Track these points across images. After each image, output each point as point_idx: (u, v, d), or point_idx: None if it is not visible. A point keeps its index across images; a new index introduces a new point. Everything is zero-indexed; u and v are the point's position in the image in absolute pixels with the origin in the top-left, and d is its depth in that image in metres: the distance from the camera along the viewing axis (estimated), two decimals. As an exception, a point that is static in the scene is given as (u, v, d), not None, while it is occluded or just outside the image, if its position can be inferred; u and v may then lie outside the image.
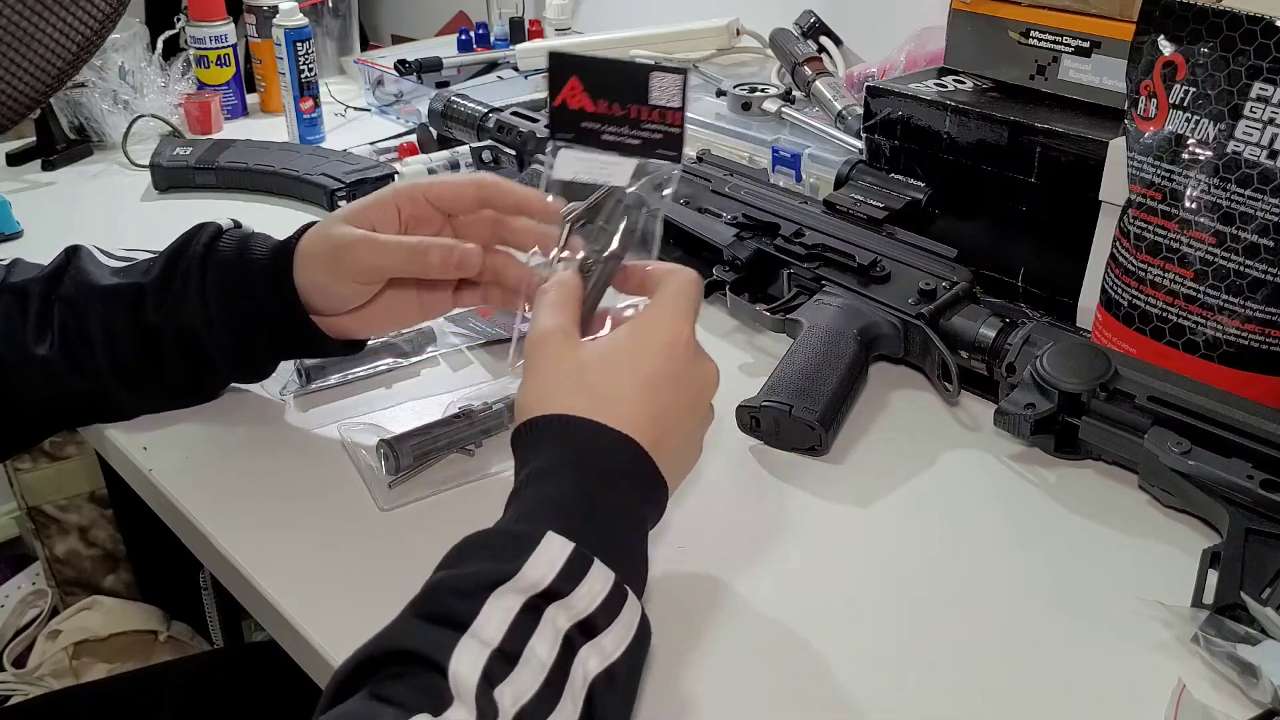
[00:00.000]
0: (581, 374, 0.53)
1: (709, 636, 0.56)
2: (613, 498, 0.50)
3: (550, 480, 0.50)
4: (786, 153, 1.03)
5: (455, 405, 0.72)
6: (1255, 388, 0.66)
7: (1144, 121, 0.70)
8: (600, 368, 0.54)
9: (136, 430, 0.73)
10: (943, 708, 0.52)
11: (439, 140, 1.18)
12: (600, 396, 0.52)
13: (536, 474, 0.50)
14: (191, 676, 0.94)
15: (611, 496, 0.50)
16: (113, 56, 1.24)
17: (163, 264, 0.69)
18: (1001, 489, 0.67)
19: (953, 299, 0.75)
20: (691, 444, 0.57)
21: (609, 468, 0.51)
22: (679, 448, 0.55)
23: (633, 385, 0.53)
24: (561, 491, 0.49)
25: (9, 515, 1.76)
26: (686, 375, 0.55)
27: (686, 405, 0.55)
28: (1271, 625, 0.53)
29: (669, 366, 0.54)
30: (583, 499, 0.49)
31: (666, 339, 0.55)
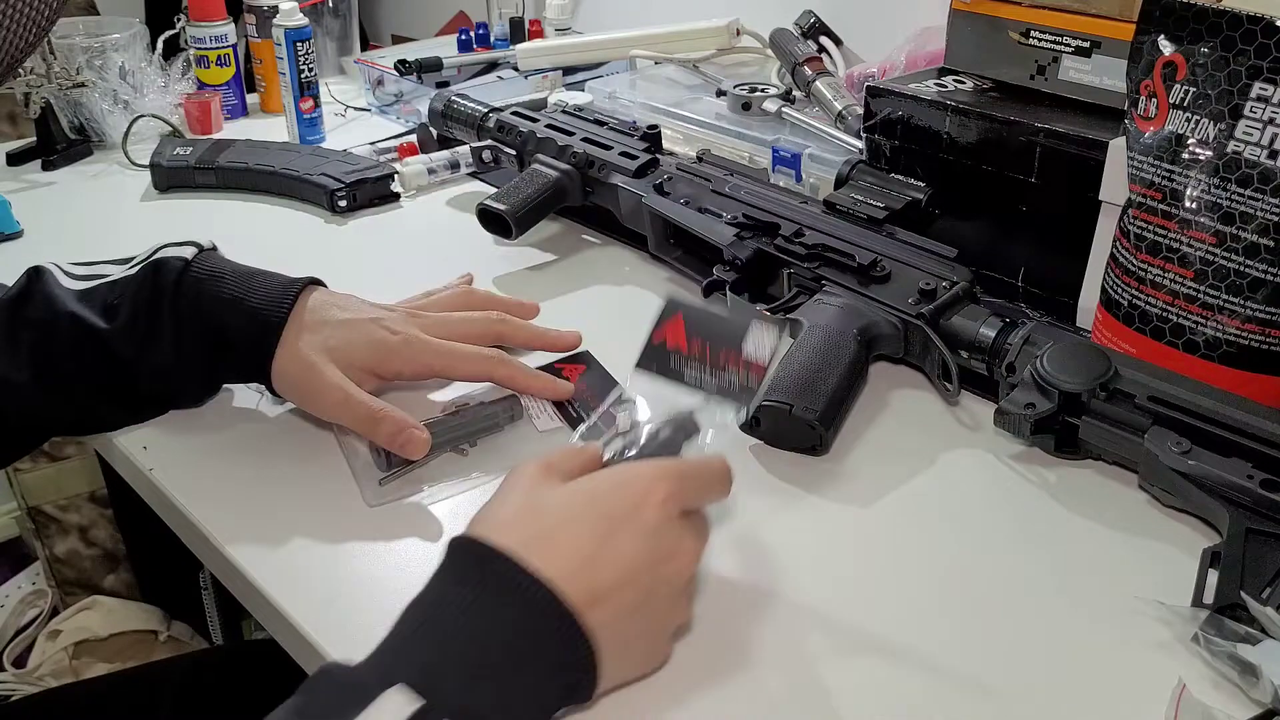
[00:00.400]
0: (532, 505, 0.49)
1: (709, 636, 0.56)
2: (504, 655, 0.44)
3: (442, 610, 0.45)
4: (786, 153, 1.03)
5: (450, 404, 0.73)
6: (1255, 388, 0.66)
7: (1144, 121, 0.70)
8: (553, 501, 0.49)
9: (136, 430, 0.73)
10: (943, 707, 0.52)
11: (439, 140, 1.18)
12: (535, 533, 0.47)
13: (432, 597, 0.46)
14: (191, 674, 0.94)
15: (503, 652, 0.44)
16: (113, 56, 1.24)
17: (129, 306, 0.68)
18: (1001, 489, 0.67)
19: (953, 299, 0.75)
20: (648, 625, 0.49)
21: (510, 617, 0.44)
22: (625, 622, 0.47)
23: (577, 527, 0.47)
24: (444, 630, 0.44)
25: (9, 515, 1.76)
26: (654, 536, 0.48)
27: (644, 568, 0.48)
28: (1272, 625, 0.53)
29: (631, 516, 0.48)
30: (465, 648, 0.43)
31: (639, 488, 0.49)
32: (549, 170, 0.99)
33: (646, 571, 0.48)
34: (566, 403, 0.75)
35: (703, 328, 0.60)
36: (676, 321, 0.60)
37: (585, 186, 0.99)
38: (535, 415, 0.73)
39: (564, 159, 1.00)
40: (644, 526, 0.48)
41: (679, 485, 0.51)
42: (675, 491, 0.50)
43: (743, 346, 0.58)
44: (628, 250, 0.99)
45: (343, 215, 1.08)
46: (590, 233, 1.03)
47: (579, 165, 0.99)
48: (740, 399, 0.58)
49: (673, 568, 0.49)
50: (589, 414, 0.73)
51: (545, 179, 0.98)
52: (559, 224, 1.04)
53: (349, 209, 1.08)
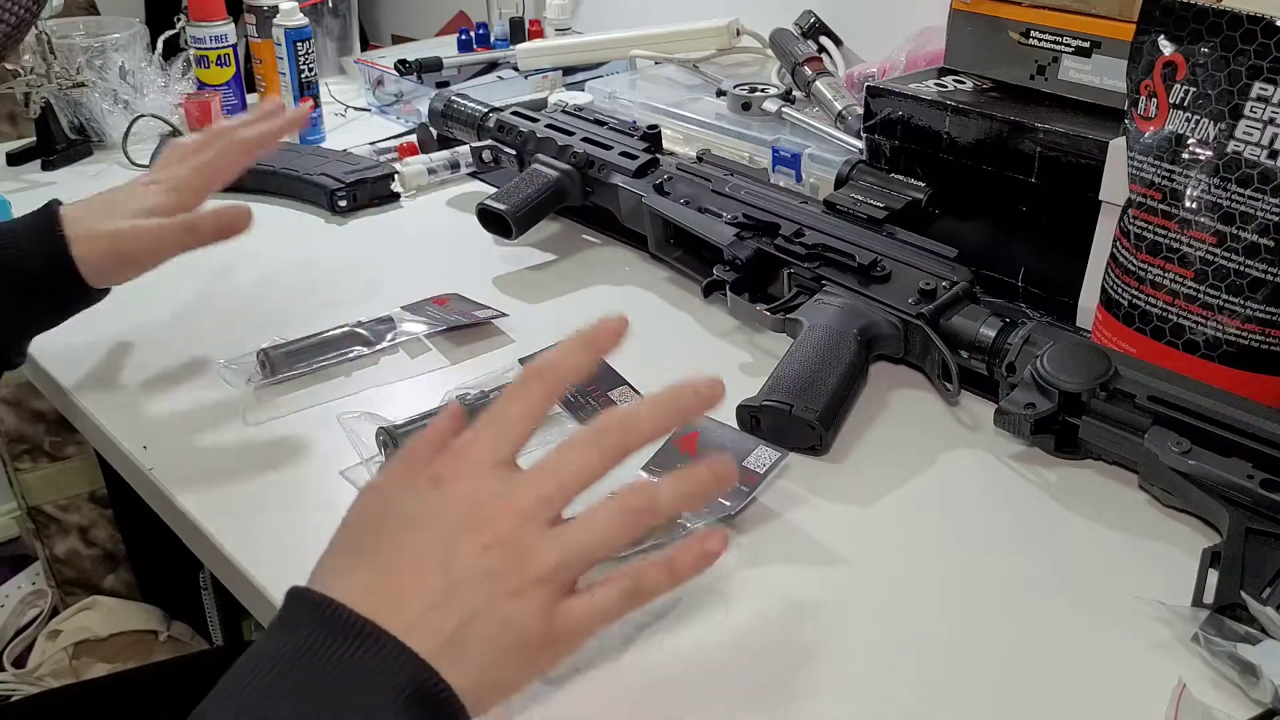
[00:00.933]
0: (371, 538, 0.45)
1: (708, 635, 0.56)
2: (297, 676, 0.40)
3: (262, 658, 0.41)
4: (786, 153, 1.03)
5: (452, 394, 0.73)
6: (1255, 388, 0.66)
7: (1144, 121, 0.70)
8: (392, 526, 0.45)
9: (136, 430, 0.73)
10: (943, 707, 0.52)
11: (439, 140, 1.18)
12: (371, 575, 0.43)
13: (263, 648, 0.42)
14: (190, 675, 0.94)
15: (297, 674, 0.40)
16: (113, 56, 1.24)
17: None
18: (1001, 489, 0.67)
19: (953, 299, 0.75)
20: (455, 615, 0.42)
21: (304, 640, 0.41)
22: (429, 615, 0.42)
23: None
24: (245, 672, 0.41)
25: (9, 515, 1.76)
26: (411, 510, 0.44)
27: (418, 558, 0.43)
28: (1272, 625, 0.53)
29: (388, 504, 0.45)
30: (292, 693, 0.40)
31: (393, 467, 0.46)
32: (549, 170, 0.99)
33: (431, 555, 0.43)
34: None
35: (715, 441, 0.67)
36: (691, 440, 0.67)
37: (585, 186, 0.99)
38: None
39: (564, 159, 1.00)
40: (399, 514, 0.45)
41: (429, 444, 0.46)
42: (425, 449, 0.46)
43: (744, 461, 0.65)
44: (628, 250, 0.99)
45: (343, 215, 1.08)
46: (590, 233, 1.03)
47: (579, 165, 0.99)
48: (733, 499, 0.63)
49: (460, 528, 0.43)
50: (585, 397, 0.74)
51: (545, 179, 0.98)
52: (559, 224, 1.04)
53: (349, 209, 1.08)
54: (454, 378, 0.78)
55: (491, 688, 0.43)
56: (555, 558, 0.43)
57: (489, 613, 0.42)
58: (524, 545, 0.43)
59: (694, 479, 0.46)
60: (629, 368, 0.78)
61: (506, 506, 0.44)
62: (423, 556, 0.43)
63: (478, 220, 0.98)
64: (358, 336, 0.81)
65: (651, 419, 0.46)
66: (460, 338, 0.83)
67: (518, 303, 0.89)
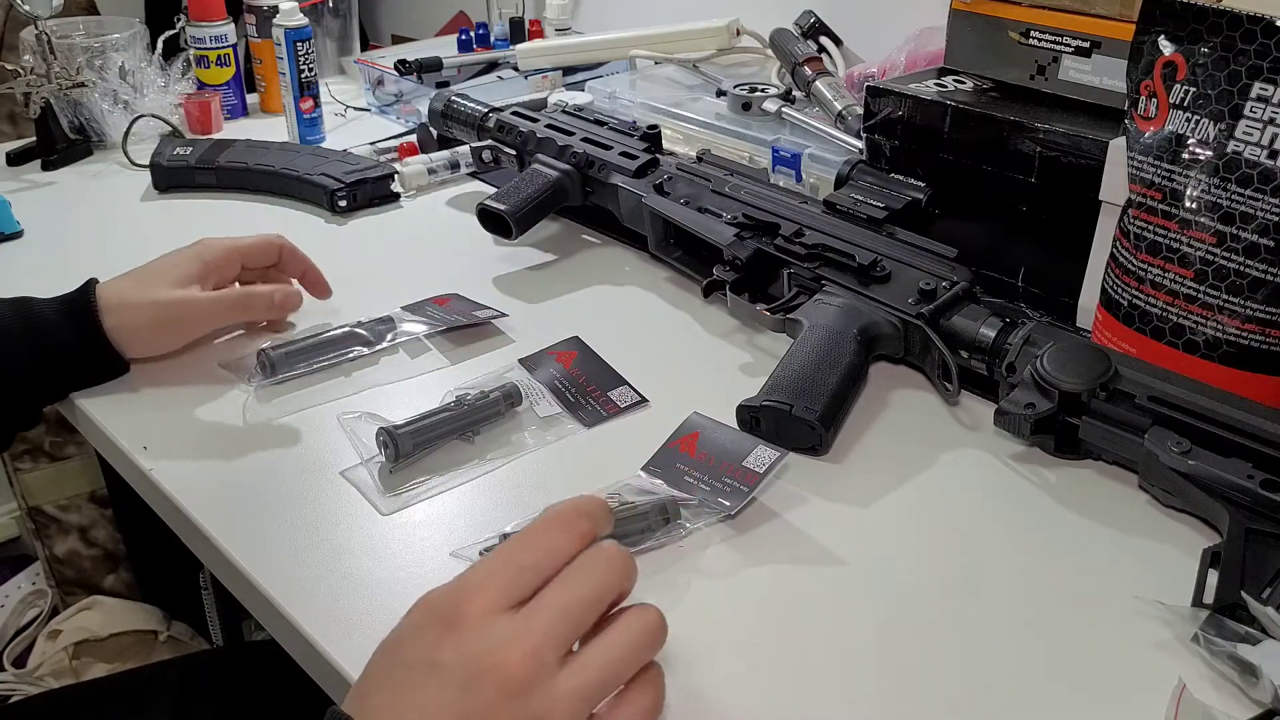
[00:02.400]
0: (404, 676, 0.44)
1: (708, 635, 0.56)
2: None
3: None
4: (786, 153, 1.03)
5: (452, 393, 0.73)
6: (1255, 388, 0.66)
7: (1144, 121, 0.70)
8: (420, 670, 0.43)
9: (136, 430, 0.73)
10: (943, 707, 0.52)
11: (439, 140, 1.18)
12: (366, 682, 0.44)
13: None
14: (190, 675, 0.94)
15: None
16: (113, 56, 1.24)
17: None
18: (1001, 489, 0.67)
19: (953, 299, 0.75)
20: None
21: None
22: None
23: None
24: None
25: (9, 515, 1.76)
26: (450, 646, 0.43)
27: (449, 694, 0.42)
28: (1272, 625, 0.53)
29: (423, 638, 0.44)
30: None
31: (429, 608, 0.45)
32: (549, 170, 0.99)
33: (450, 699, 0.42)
34: (564, 388, 0.75)
35: (715, 441, 0.67)
36: (693, 439, 0.67)
37: (585, 186, 0.99)
38: (536, 401, 0.74)
39: (564, 159, 1.00)
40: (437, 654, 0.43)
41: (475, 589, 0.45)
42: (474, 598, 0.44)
43: (744, 461, 0.65)
44: (628, 250, 0.99)
45: (343, 215, 1.08)
46: (590, 233, 1.03)
47: (579, 165, 0.99)
48: (733, 499, 0.63)
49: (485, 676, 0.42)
50: (584, 397, 0.74)
51: (545, 179, 0.98)
52: (559, 224, 1.04)
53: (349, 209, 1.08)
54: (454, 378, 0.78)
55: None
56: (577, 697, 0.42)
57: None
58: (545, 687, 0.42)
59: None
60: (629, 368, 0.78)
61: (520, 652, 0.43)
62: (441, 703, 0.42)
63: (478, 220, 0.98)
64: (358, 337, 0.81)
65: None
66: (460, 338, 0.83)
67: (518, 303, 0.89)
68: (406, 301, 0.86)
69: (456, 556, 0.61)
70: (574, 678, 0.42)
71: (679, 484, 0.65)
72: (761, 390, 0.71)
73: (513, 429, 0.72)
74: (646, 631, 0.45)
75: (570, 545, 0.45)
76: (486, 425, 0.72)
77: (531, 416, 0.73)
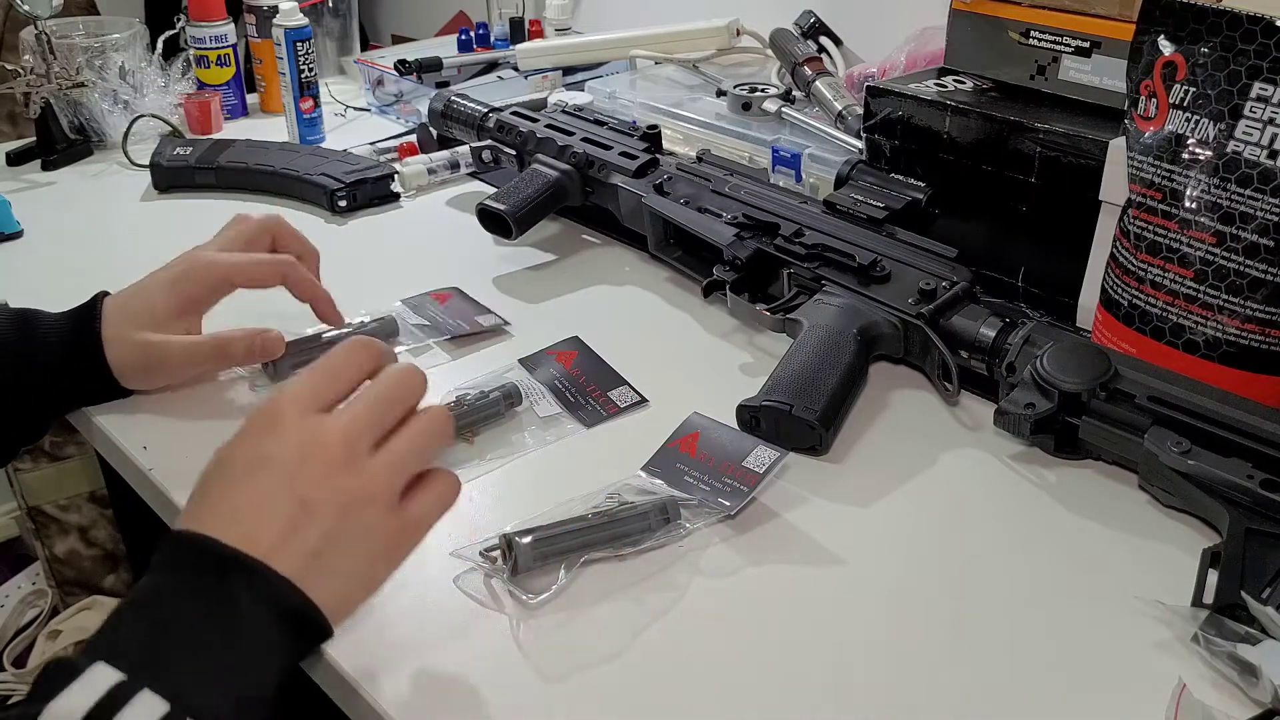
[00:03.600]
0: (218, 477, 0.51)
1: (708, 635, 0.56)
2: (175, 606, 0.46)
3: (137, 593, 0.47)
4: (786, 153, 1.03)
5: (451, 394, 0.73)
6: (1255, 388, 0.66)
7: (1144, 121, 0.70)
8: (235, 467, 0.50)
9: (136, 430, 0.73)
10: (943, 707, 0.52)
11: (439, 140, 1.18)
12: (196, 498, 0.50)
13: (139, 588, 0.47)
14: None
15: (174, 605, 0.46)
16: (113, 56, 1.24)
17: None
18: (1001, 489, 0.67)
19: (953, 299, 0.75)
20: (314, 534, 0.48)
21: (182, 575, 0.47)
22: (288, 544, 0.48)
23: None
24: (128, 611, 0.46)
25: (9, 515, 1.76)
26: (275, 441, 0.50)
27: (277, 481, 0.49)
28: (1272, 625, 0.53)
29: (249, 441, 0.50)
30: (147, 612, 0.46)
31: (251, 419, 0.51)
32: (549, 170, 0.99)
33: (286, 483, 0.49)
34: (564, 388, 0.75)
35: (715, 442, 0.67)
36: (693, 439, 0.67)
37: (585, 186, 0.99)
38: (536, 401, 0.74)
39: (564, 159, 1.00)
40: (262, 447, 0.50)
41: (291, 392, 0.51)
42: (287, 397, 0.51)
43: (743, 462, 0.65)
44: (628, 250, 0.99)
45: (343, 215, 1.08)
46: (590, 233, 1.03)
47: (579, 165, 0.99)
48: (733, 499, 0.63)
49: (310, 461, 0.49)
50: (584, 397, 0.74)
51: (545, 179, 0.98)
52: (559, 224, 1.04)
53: (349, 209, 1.08)
54: (455, 376, 0.77)
55: (356, 591, 0.51)
56: (387, 469, 0.50)
57: (346, 526, 0.49)
58: (358, 455, 0.50)
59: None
60: (629, 368, 0.78)
61: (336, 433, 0.50)
62: (277, 486, 0.49)
63: (478, 220, 0.98)
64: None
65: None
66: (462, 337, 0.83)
67: (518, 303, 0.89)
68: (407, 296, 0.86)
69: (457, 556, 0.60)
70: (384, 455, 0.51)
71: (679, 484, 0.65)
72: (761, 390, 0.71)
73: (512, 429, 0.72)
74: (438, 419, 0.53)
75: (370, 362, 0.53)
76: (486, 425, 0.72)
77: (531, 416, 0.73)
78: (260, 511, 0.48)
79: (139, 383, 0.74)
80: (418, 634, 0.56)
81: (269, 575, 0.47)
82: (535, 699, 0.52)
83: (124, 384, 0.73)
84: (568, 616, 0.57)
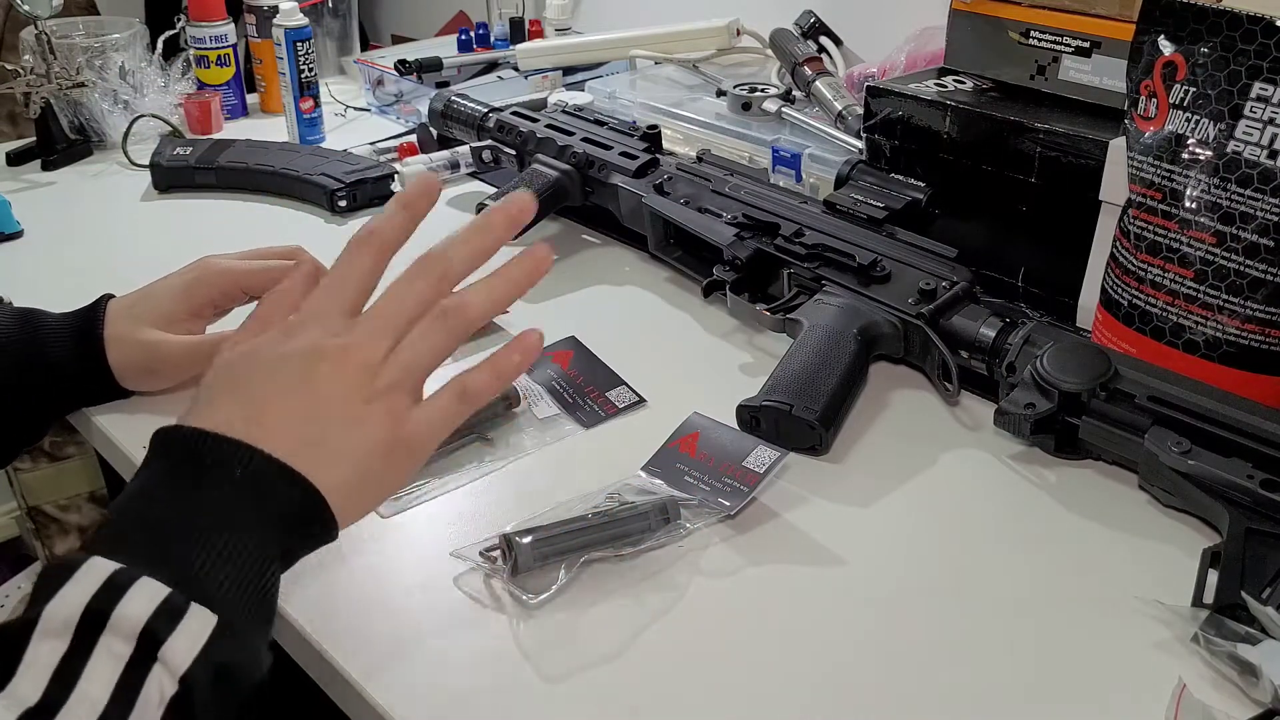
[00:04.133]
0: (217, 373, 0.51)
1: (708, 635, 0.56)
2: (164, 496, 0.46)
3: (127, 489, 0.47)
4: (786, 153, 1.03)
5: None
6: (1255, 388, 0.66)
7: (1144, 121, 0.70)
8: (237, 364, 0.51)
9: (136, 430, 0.73)
10: (943, 707, 0.52)
11: (439, 140, 1.18)
12: (196, 403, 0.50)
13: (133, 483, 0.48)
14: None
15: (164, 495, 0.46)
16: (113, 56, 1.24)
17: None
18: (1001, 489, 0.67)
19: (953, 299, 0.75)
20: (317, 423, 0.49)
21: (168, 464, 0.47)
22: (287, 425, 0.48)
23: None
24: (119, 506, 0.47)
25: (9, 515, 1.76)
26: (262, 354, 0.50)
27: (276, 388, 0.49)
28: (1272, 625, 0.53)
29: (265, 346, 0.51)
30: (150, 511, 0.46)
31: (246, 327, 0.53)
32: (549, 170, 0.99)
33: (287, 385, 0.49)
34: (562, 389, 0.75)
35: (715, 442, 0.67)
36: (693, 439, 0.67)
37: (585, 186, 0.99)
38: (534, 403, 0.74)
39: (564, 159, 1.00)
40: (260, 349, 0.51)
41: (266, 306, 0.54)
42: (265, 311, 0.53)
43: (743, 461, 0.65)
44: (628, 250, 0.99)
45: (343, 215, 1.08)
46: (590, 233, 1.03)
47: (579, 165, 0.99)
48: (733, 498, 0.63)
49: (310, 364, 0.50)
50: (582, 398, 0.74)
51: (545, 179, 0.98)
52: (559, 224, 1.04)
53: (349, 209, 1.08)
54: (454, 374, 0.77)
55: (358, 488, 0.50)
56: (397, 371, 0.50)
57: (346, 417, 0.49)
58: (371, 365, 0.50)
59: (503, 277, 0.55)
60: (629, 368, 0.78)
61: (352, 341, 0.50)
62: (289, 385, 0.49)
63: (478, 220, 0.98)
64: None
65: (465, 247, 0.55)
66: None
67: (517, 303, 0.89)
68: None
69: (457, 557, 0.61)
70: (396, 355, 0.51)
71: (679, 484, 0.65)
72: (761, 390, 0.71)
73: (511, 431, 0.72)
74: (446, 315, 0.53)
75: (377, 264, 0.54)
76: (485, 428, 0.72)
77: (530, 418, 0.73)
78: (250, 400, 0.49)
79: (140, 384, 0.73)
80: (417, 633, 0.56)
81: (253, 453, 0.46)
82: (535, 699, 0.52)
83: (124, 385, 0.73)
84: (568, 617, 0.57)
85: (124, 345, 0.71)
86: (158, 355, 0.72)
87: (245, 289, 0.74)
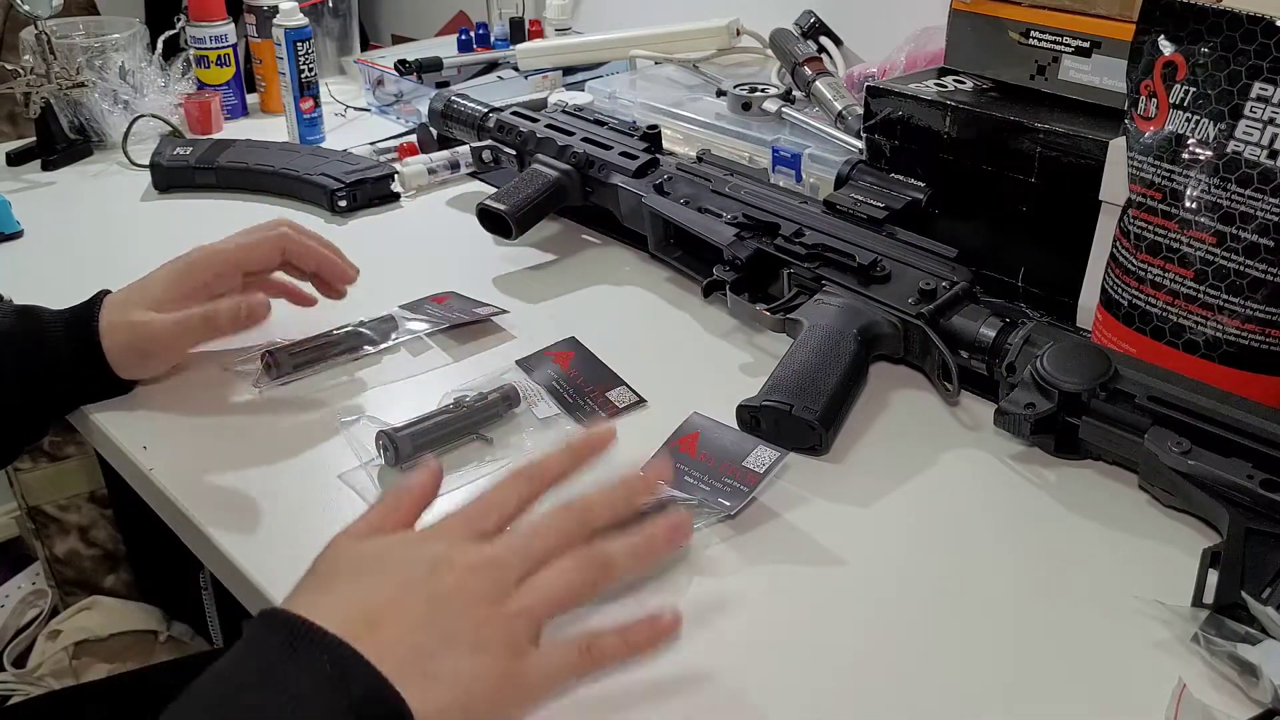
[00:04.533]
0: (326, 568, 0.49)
1: (708, 635, 0.56)
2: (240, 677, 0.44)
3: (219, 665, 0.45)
4: (786, 153, 1.03)
5: (450, 396, 0.73)
6: (1255, 388, 0.66)
7: (1144, 121, 0.70)
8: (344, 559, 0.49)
9: (136, 430, 0.73)
10: (943, 707, 0.52)
11: (439, 140, 1.18)
12: (306, 587, 0.48)
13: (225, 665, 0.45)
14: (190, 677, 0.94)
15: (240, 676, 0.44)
16: (113, 56, 1.24)
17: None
18: (1001, 489, 0.67)
19: (953, 299, 0.75)
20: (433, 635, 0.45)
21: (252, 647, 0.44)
22: (401, 637, 0.45)
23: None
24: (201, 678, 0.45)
25: (9, 515, 1.76)
26: (393, 552, 0.48)
27: (397, 586, 0.46)
28: (1272, 625, 0.53)
29: (365, 545, 0.49)
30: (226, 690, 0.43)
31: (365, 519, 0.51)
32: (549, 170, 0.99)
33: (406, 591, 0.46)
34: (562, 389, 0.75)
35: (715, 442, 0.67)
36: (693, 439, 0.67)
37: (585, 186, 0.99)
38: (534, 403, 0.74)
39: (564, 159, 1.00)
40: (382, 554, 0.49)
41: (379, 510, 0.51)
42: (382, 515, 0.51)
43: (744, 462, 0.65)
44: (628, 250, 0.99)
45: (343, 215, 1.08)
46: (590, 233, 1.03)
47: (579, 165, 0.99)
48: (733, 499, 0.63)
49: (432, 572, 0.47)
50: (582, 398, 0.74)
51: (545, 179, 0.98)
52: (559, 224, 1.04)
53: (349, 209, 1.08)
54: (455, 376, 0.78)
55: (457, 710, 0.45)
56: (528, 599, 0.47)
57: (465, 635, 0.45)
58: (501, 580, 0.47)
59: (648, 540, 0.50)
60: (628, 367, 0.78)
61: (491, 555, 0.48)
62: (408, 581, 0.46)
63: (478, 220, 0.98)
64: (362, 336, 0.81)
65: (607, 499, 0.51)
66: (462, 335, 0.83)
67: (518, 302, 0.89)
68: (406, 301, 0.86)
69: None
70: (524, 589, 0.47)
71: (679, 484, 0.65)
72: (761, 390, 0.71)
73: (511, 431, 0.72)
74: (590, 566, 0.49)
75: (529, 488, 0.51)
76: (485, 428, 0.72)
77: (530, 418, 0.73)
78: (386, 604, 0.45)
79: (134, 369, 0.74)
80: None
81: (345, 652, 0.43)
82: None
83: (119, 373, 0.73)
84: (568, 617, 0.57)
85: (115, 331, 0.72)
86: (147, 334, 0.72)
87: (238, 265, 0.75)
